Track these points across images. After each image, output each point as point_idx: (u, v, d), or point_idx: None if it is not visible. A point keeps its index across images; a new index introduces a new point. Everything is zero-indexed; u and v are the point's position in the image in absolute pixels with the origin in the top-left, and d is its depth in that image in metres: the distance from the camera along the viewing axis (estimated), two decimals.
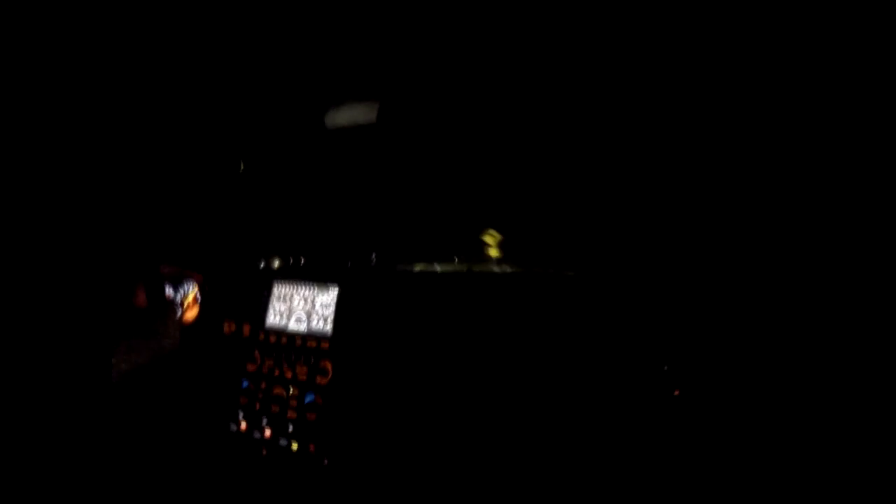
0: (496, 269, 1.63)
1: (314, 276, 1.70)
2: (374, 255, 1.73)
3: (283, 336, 1.68)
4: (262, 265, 1.89)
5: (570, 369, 1.39)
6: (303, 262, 1.80)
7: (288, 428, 1.53)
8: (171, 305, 2.05)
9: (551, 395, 1.38)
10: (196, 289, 2.06)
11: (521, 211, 1.75)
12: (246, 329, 1.77)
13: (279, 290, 1.76)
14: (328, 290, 1.65)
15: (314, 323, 1.64)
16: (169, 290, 2.06)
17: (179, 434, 1.75)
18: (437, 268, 1.64)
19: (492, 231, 1.73)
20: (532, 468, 1.35)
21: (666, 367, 1.35)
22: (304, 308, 1.68)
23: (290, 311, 1.71)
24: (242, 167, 2.16)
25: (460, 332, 1.50)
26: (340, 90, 2.12)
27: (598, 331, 1.41)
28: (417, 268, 1.66)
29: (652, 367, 1.36)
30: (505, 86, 1.87)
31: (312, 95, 2.16)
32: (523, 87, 1.83)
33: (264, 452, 1.54)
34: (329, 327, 1.60)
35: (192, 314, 2.03)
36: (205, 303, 1.96)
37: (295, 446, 1.49)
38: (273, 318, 1.74)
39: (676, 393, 1.33)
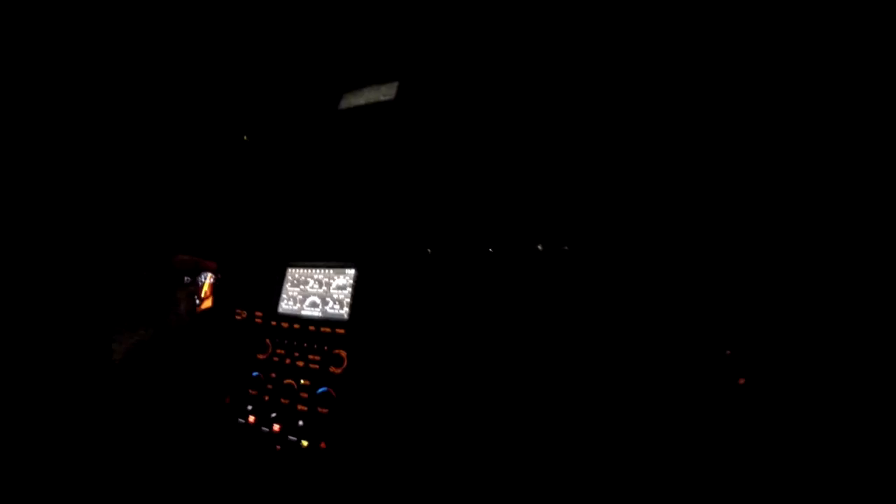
0: (528, 248, 1.45)
1: (330, 257, 1.57)
2: (393, 235, 1.58)
3: (296, 322, 1.54)
4: (275, 249, 1.77)
5: (613, 356, 1.18)
6: (318, 243, 1.67)
7: (298, 422, 1.38)
8: (187, 294, 1.97)
9: (592, 386, 1.17)
10: (211, 278, 1.98)
11: (549, 188, 1.58)
12: (258, 316, 1.65)
13: (293, 274, 1.64)
14: (344, 272, 1.51)
15: (329, 307, 1.50)
16: (186, 279, 1.98)
17: (186, 426, 1.64)
18: (459, 248, 1.47)
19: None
20: (573, 466, 1.15)
21: (728, 352, 1.13)
22: (318, 292, 1.55)
23: (305, 296, 1.58)
24: (246, 138, 2.08)
25: (488, 317, 1.32)
26: (359, 69, 2.03)
27: (643, 311, 1.20)
28: (438, 249, 1.50)
29: (711, 351, 1.14)
30: (522, 69, 1.75)
31: (328, 76, 2.08)
32: (541, 71, 1.70)
33: (276, 448, 1.39)
34: (345, 311, 1.45)
35: (207, 304, 1.94)
36: (218, 290, 1.86)
37: (305, 443, 1.33)
38: (286, 304, 1.61)
39: (742, 382, 1.10)
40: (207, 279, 2.00)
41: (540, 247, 1.42)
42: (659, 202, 1.32)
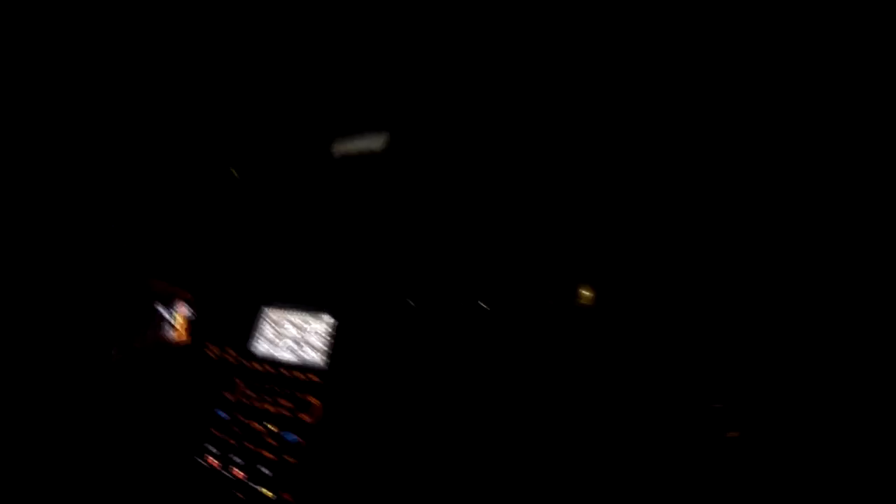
0: (513, 301, 1.51)
1: (309, 302, 1.59)
2: (374, 285, 1.63)
3: (269, 365, 1.54)
4: (253, 286, 1.78)
5: (601, 411, 1.23)
6: (298, 286, 1.69)
7: (263, 470, 1.36)
8: (158, 321, 1.93)
9: (578, 441, 1.22)
10: (185, 307, 1.95)
11: (535, 242, 1.66)
12: (230, 353, 1.63)
13: (269, 315, 1.64)
14: (322, 317, 1.53)
15: (306, 353, 1.51)
16: (160, 309, 1.95)
17: (143, 459, 1.58)
18: (445, 301, 1.52)
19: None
20: None
21: (718, 405, 1.18)
22: (295, 335, 1.56)
23: (281, 339, 1.58)
24: (236, 174, 2.10)
25: (474, 376, 1.36)
26: (349, 119, 2.10)
27: (634, 365, 1.26)
28: (423, 300, 1.55)
29: (699, 404, 1.19)
30: (510, 123, 1.84)
31: (319, 123, 2.14)
32: (528, 127, 1.80)
33: (237, 495, 1.36)
34: (323, 359, 1.47)
35: (179, 333, 1.91)
36: (192, 322, 1.84)
37: (270, 494, 1.32)
38: (261, 345, 1.61)
39: (735, 435, 1.14)
40: (180, 308, 1.97)
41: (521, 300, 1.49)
42: (647, 257, 1.41)
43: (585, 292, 1.50)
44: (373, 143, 2.06)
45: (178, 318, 1.92)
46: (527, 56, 1.35)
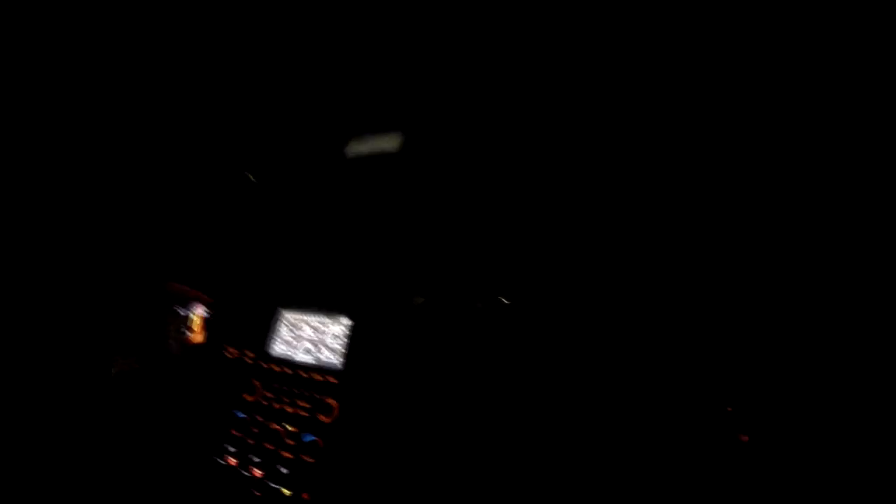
0: (533, 302, 1.54)
1: (326, 305, 1.62)
2: (390, 287, 1.66)
3: (287, 366, 1.58)
4: (270, 289, 1.82)
5: (613, 412, 1.24)
6: (315, 288, 1.73)
7: (281, 469, 1.39)
8: (178, 324, 1.97)
9: (591, 443, 1.23)
10: (203, 310, 1.99)
11: (550, 245, 1.69)
12: (248, 355, 1.67)
13: (287, 317, 1.68)
14: (340, 320, 1.57)
15: (323, 355, 1.54)
16: (178, 309, 1.99)
17: (163, 460, 1.62)
18: (463, 302, 1.55)
19: None
20: None
21: (730, 409, 1.18)
22: (313, 338, 1.59)
23: (298, 340, 1.62)
24: (252, 179, 2.15)
25: (490, 376, 1.39)
26: (365, 120, 2.14)
27: (644, 366, 1.27)
28: (440, 302, 1.58)
29: (712, 408, 1.19)
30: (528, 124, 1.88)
31: (334, 123, 2.19)
32: (544, 128, 1.83)
33: (255, 493, 1.39)
34: (340, 361, 1.50)
35: (198, 336, 1.95)
36: (211, 325, 1.88)
37: (287, 492, 1.35)
38: (278, 346, 1.64)
39: (745, 439, 1.14)
40: (198, 311, 2.01)
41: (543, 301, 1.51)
42: (658, 258, 1.44)
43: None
44: (387, 143, 2.10)
45: (195, 318, 1.96)
46: (541, 56, 1.38)
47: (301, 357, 1.58)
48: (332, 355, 1.52)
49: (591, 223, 1.55)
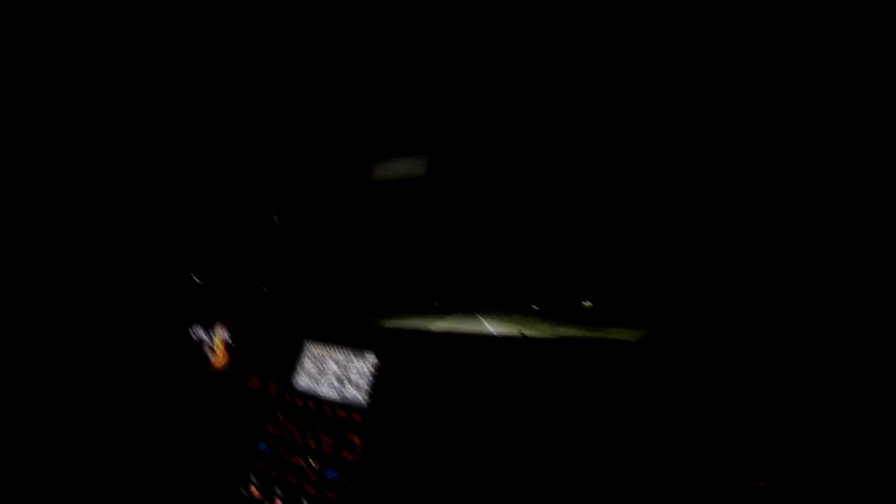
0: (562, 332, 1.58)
1: (352, 340, 1.67)
2: (418, 325, 1.71)
3: (311, 400, 1.62)
4: (296, 320, 1.86)
5: (628, 454, 1.27)
6: (341, 322, 1.78)
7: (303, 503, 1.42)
8: (200, 349, 2.01)
9: (614, 486, 1.25)
10: (225, 334, 2.03)
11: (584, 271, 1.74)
12: (271, 387, 1.71)
13: (311, 349, 1.72)
14: (366, 356, 1.61)
15: (347, 391, 1.58)
16: (199, 333, 2.03)
17: (185, 488, 1.64)
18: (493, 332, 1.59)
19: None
20: None
21: (748, 453, 1.18)
22: (337, 372, 1.63)
23: (322, 374, 1.66)
24: (277, 220, 2.21)
25: (519, 423, 1.40)
26: (389, 144, 2.21)
27: (662, 408, 1.29)
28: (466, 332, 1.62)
29: (730, 452, 1.20)
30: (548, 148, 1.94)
31: (359, 149, 2.25)
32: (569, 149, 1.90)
33: None
34: (364, 397, 1.54)
35: (220, 361, 1.98)
36: (233, 352, 1.92)
37: None
38: (302, 379, 1.68)
39: (761, 485, 1.14)
40: (221, 335, 2.05)
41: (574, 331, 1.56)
42: (681, 290, 1.48)
43: None
44: (412, 168, 2.16)
45: (218, 342, 2.00)
46: (567, 77, 1.45)
47: (325, 391, 1.62)
48: (356, 392, 1.56)
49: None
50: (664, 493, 1.20)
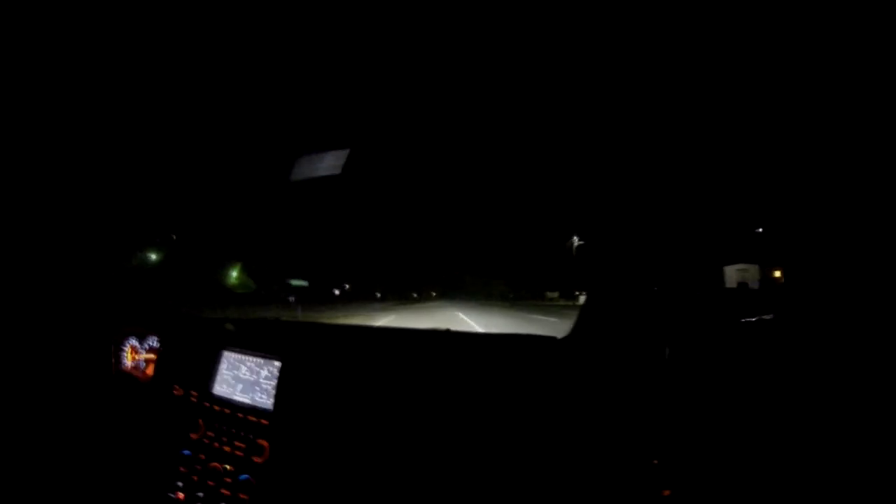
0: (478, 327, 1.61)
1: (259, 347, 1.71)
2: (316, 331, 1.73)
3: (227, 406, 1.67)
4: (213, 330, 1.90)
5: (536, 468, 1.19)
6: (250, 330, 1.81)
7: None
8: (126, 359, 2.06)
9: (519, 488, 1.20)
10: (151, 345, 2.07)
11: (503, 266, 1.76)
12: (193, 394, 1.76)
13: (228, 357, 1.76)
14: (272, 363, 1.65)
15: (257, 396, 1.64)
16: (134, 343, 2.08)
17: (116, 493, 1.73)
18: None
19: None
20: None
21: (656, 462, 1.12)
22: (249, 379, 1.68)
23: (237, 381, 1.71)
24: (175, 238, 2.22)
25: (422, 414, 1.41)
26: (306, 142, 2.15)
27: (571, 416, 1.20)
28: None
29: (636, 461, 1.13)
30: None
31: (277, 151, 2.20)
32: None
33: None
34: (270, 402, 1.59)
35: (148, 371, 2.03)
36: (159, 363, 1.96)
37: None
38: (219, 386, 1.73)
39: (666, 494, 1.09)
40: (145, 345, 2.09)
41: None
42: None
43: None
44: (332, 165, 2.12)
45: (145, 354, 2.05)
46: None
47: (238, 397, 1.67)
48: (264, 396, 1.61)
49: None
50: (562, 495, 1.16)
